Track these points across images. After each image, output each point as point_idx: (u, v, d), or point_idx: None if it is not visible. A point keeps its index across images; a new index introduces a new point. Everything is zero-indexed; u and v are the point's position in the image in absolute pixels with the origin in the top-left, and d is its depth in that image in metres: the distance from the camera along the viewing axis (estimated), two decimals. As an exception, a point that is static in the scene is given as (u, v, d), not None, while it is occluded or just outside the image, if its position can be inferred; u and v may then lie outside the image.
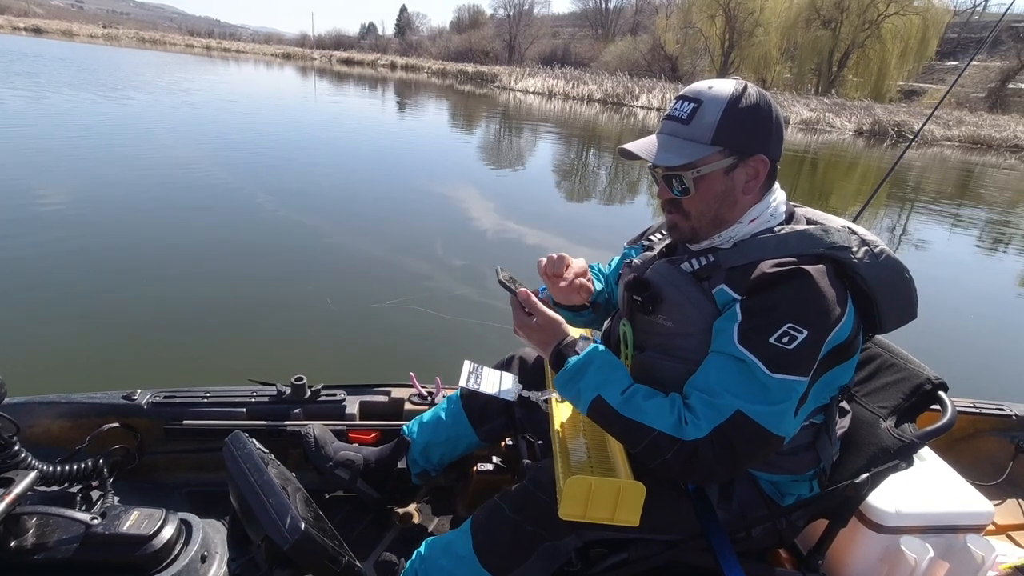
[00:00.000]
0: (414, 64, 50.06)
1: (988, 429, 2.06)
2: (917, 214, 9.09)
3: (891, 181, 11.43)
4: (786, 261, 0.98)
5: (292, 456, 1.66)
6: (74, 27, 64.41)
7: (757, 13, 36.33)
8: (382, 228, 5.57)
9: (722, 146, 1.01)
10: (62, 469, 1.39)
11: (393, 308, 3.66)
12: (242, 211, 5.66)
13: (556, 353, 1.08)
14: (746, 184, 1.04)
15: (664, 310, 1.07)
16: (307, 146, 9.93)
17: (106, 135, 8.60)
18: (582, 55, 53.26)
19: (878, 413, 1.20)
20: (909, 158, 16.79)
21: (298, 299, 3.78)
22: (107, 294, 3.59)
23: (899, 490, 1.32)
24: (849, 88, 34.32)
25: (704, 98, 1.02)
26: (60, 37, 51.00)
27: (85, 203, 5.31)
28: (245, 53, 58.79)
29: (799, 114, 24.26)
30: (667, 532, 1.13)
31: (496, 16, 67.24)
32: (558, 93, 30.47)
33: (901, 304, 1.06)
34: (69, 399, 1.59)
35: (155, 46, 54.95)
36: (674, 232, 1.12)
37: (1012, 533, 1.82)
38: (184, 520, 1.32)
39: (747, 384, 0.94)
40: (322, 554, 1.16)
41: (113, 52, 35.31)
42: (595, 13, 64.98)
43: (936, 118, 24.24)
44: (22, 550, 1.19)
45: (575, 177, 9.98)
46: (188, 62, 33.04)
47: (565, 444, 1.16)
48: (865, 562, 1.37)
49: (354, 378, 1.87)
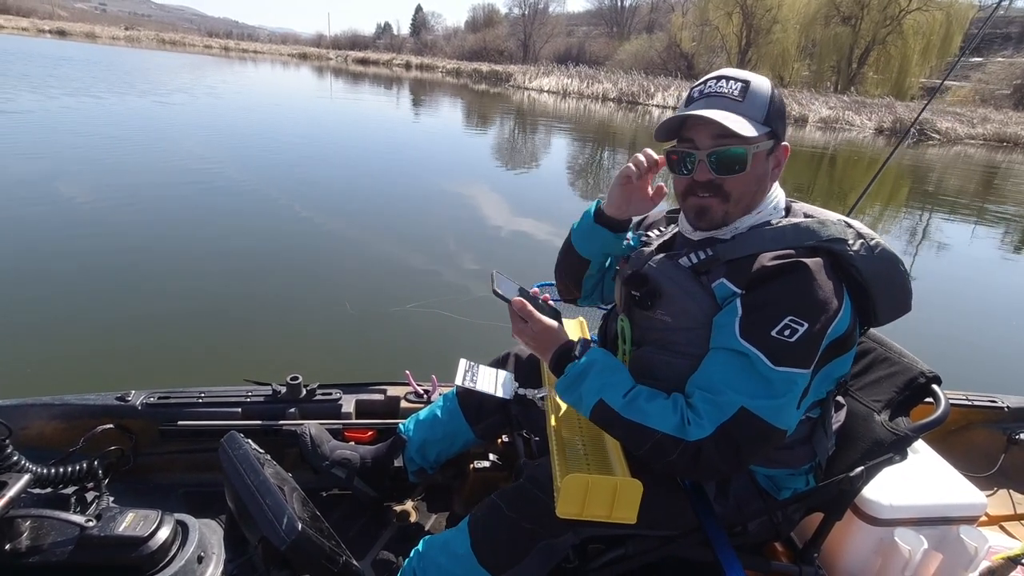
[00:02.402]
0: (429, 64, 50.26)
1: (981, 421, 2.08)
2: (918, 210, 9.12)
3: (910, 179, 11.45)
4: (785, 254, 0.99)
5: (288, 456, 1.65)
6: (96, 29, 65.74)
7: (775, 10, 35.93)
8: (384, 227, 5.54)
9: (770, 128, 1.02)
10: (56, 471, 1.38)
11: (393, 308, 3.66)
12: (239, 210, 5.63)
13: (556, 358, 1.08)
14: (773, 171, 1.06)
15: (662, 305, 1.07)
16: (316, 144, 9.90)
17: (108, 136, 8.52)
18: (597, 54, 53.20)
19: (872, 407, 1.21)
20: (930, 157, 16.68)
21: (294, 298, 3.76)
22: (100, 294, 3.56)
23: (893, 483, 1.33)
24: (869, 85, 33.97)
25: (751, 79, 1.03)
26: (83, 39, 51.39)
27: (81, 204, 5.27)
28: (262, 53, 59.25)
29: (817, 112, 23.95)
30: (664, 527, 1.14)
31: (511, 15, 67.50)
32: (572, 92, 30.29)
33: (896, 297, 1.07)
34: (63, 400, 1.58)
35: (174, 47, 55.18)
36: (702, 218, 1.06)
37: (1005, 524, 1.84)
38: (180, 521, 1.32)
39: (750, 378, 0.94)
40: (319, 554, 1.16)
41: (134, 54, 35.16)
42: (610, 11, 65.04)
43: (959, 115, 23.67)
44: (17, 553, 1.18)
45: (589, 176, 9.96)
46: (206, 63, 32.91)
47: (562, 441, 1.16)
48: (860, 554, 1.38)
49: (350, 377, 1.87)
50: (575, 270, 1.32)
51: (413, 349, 3.28)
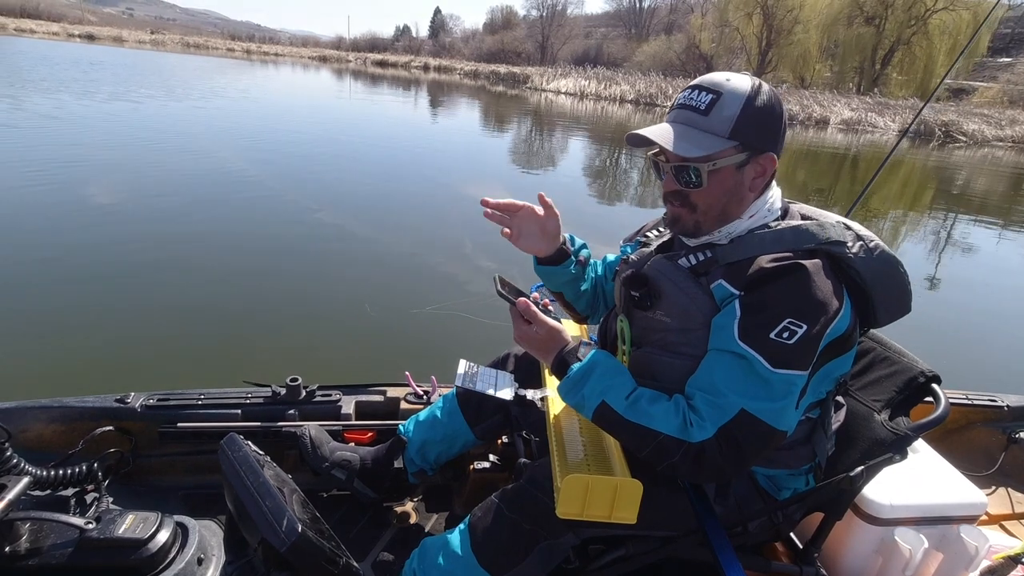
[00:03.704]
0: (446, 66, 50.45)
1: (981, 420, 2.08)
2: (942, 213, 9.08)
3: (935, 182, 11.29)
4: (783, 256, 0.99)
5: (288, 457, 1.65)
6: (123, 33, 67.79)
7: (797, 10, 35.44)
8: (395, 227, 5.53)
9: (738, 141, 1.00)
10: (56, 473, 1.38)
11: (372, 308, 3.65)
12: (239, 210, 5.62)
13: (558, 361, 1.08)
14: (753, 181, 1.04)
15: (662, 306, 1.07)
16: (331, 144, 9.90)
17: (110, 137, 8.51)
18: (615, 55, 53.15)
19: (872, 406, 1.21)
20: (956, 160, 16.48)
21: (293, 299, 3.76)
22: (99, 296, 3.55)
23: (893, 482, 1.33)
24: (893, 87, 33.31)
25: (723, 90, 1.00)
26: (111, 43, 52.21)
27: (79, 204, 5.27)
28: (283, 56, 59.69)
29: (839, 114, 23.65)
30: (664, 528, 1.14)
31: (529, 17, 67.73)
32: (590, 94, 30.14)
33: (896, 298, 1.07)
34: (62, 403, 1.58)
35: (198, 50, 55.71)
36: (676, 225, 1.10)
37: (1005, 523, 1.84)
38: (180, 523, 1.32)
39: (749, 381, 0.94)
40: (319, 555, 1.16)
41: (162, 58, 35.26)
42: (628, 13, 65.08)
43: (987, 117, 23.16)
44: (16, 556, 1.18)
45: (606, 178, 9.94)
46: (230, 67, 32.97)
47: (562, 442, 1.16)
48: (861, 554, 1.38)
49: (349, 378, 1.87)
50: (561, 301, 1.41)
51: (412, 350, 3.28)
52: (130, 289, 3.68)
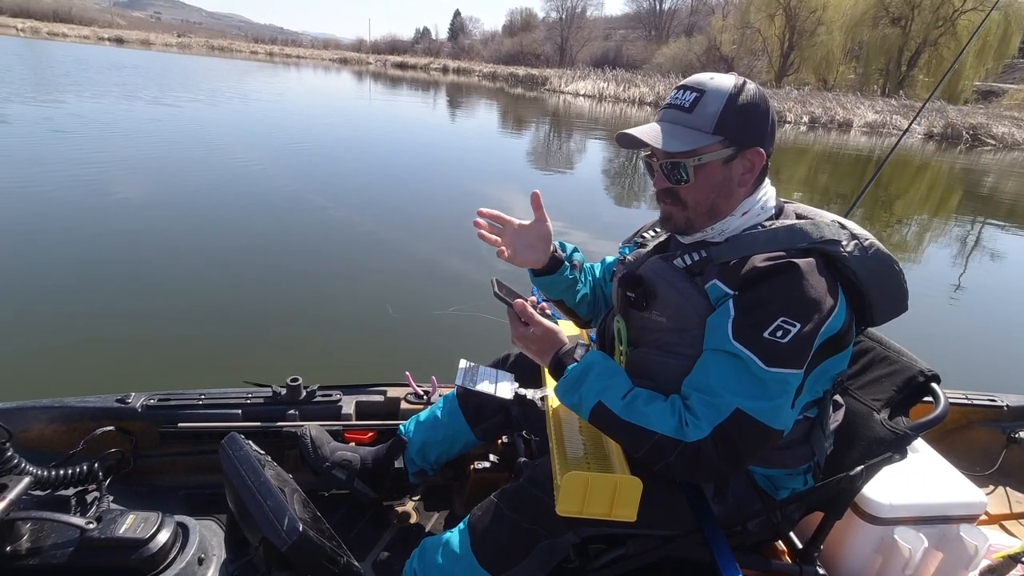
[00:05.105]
0: (465, 68, 50.73)
1: (980, 420, 2.08)
2: (968, 217, 9.00)
3: (962, 185, 11.15)
4: (776, 255, 0.99)
5: (289, 457, 1.65)
6: (151, 37, 70.02)
7: (820, 11, 34.84)
8: (410, 227, 5.52)
9: (723, 136, 1.02)
10: (56, 473, 1.38)
11: (394, 309, 3.65)
12: (244, 212, 5.62)
13: (555, 362, 1.08)
14: (742, 176, 1.05)
15: (657, 306, 1.07)
16: (349, 145, 9.91)
17: (113, 138, 8.51)
18: (634, 57, 52.90)
19: (872, 406, 1.21)
20: (984, 163, 16.24)
21: (293, 299, 3.77)
22: (99, 296, 3.56)
23: (893, 481, 1.33)
24: (919, 89, 32.35)
25: (706, 88, 1.03)
26: (139, 46, 53.15)
27: (78, 205, 5.27)
28: (304, 58, 60.37)
29: (863, 116, 23.30)
30: (664, 527, 1.14)
31: (548, 19, 67.73)
32: (608, 96, 30.01)
33: (891, 297, 1.07)
34: (62, 403, 1.58)
35: (223, 53, 56.57)
36: (668, 223, 1.11)
37: (1005, 522, 1.84)
38: (180, 523, 1.32)
39: (744, 380, 0.94)
40: (320, 555, 1.16)
41: (190, 61, 35.56)
42: (648, 15, 64.90)
43: (1017, 120, 22.57)
44: (17, 555, 1.19)
45: (624, 180, 9.92)
46: (254, 68, 33.16)
47: (562, 441, 1.16)
48: (860, 553, 1.38)
49: (350, 378, 1.87)
50: (563, 308, 1.44)
51: (413, 350, 3.28)
52: (131, 289, 3.68)
